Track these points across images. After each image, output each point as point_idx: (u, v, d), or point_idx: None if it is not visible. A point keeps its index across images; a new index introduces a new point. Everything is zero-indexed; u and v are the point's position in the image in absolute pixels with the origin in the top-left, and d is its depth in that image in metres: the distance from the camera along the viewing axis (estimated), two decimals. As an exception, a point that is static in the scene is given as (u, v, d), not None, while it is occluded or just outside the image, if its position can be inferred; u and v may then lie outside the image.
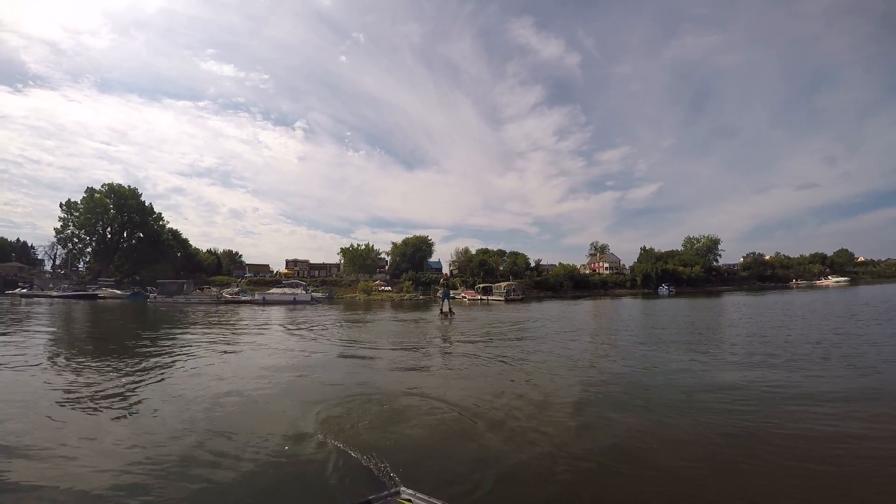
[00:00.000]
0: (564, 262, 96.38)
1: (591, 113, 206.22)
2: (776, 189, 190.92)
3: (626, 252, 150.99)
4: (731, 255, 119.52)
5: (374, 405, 7.24)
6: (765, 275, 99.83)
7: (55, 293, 58.87)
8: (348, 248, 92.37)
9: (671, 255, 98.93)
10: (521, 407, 7.15)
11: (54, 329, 21.04)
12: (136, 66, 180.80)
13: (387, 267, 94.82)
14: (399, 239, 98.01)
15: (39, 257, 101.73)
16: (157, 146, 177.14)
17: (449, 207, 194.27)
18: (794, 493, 4.27)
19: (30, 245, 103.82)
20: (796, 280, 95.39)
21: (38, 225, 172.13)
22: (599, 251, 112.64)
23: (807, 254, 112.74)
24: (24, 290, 63.66)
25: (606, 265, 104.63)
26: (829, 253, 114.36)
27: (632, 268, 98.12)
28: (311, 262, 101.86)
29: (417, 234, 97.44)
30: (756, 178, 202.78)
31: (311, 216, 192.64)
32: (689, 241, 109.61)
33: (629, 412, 6.89)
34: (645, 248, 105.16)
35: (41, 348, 14.17)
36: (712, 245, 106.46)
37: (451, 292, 69.40)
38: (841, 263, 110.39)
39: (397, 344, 15.48)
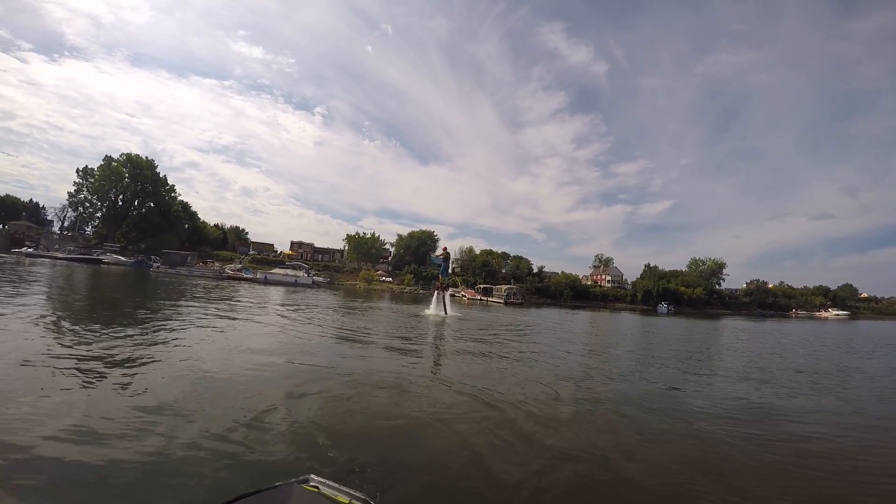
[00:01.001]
0: (567, 271, 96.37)
1: (613, 124, 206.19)
2: (791, 217, 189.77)
3: (631, 267, 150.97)
4: (735, 279, 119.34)
5: (342, 393, 7.24)
6: (766, 302, 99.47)
7: (60, 254, 59.24)
8: (354, 236, 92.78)
9: (674, 274, 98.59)
10: (492, 417, 7.21)
11: (49, 290, 21.32)
12: (170, 43, 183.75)
13: (390, 258, 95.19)
14: (405, 231, 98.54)
15: (49, 218, 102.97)
16: (180, 121, 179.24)
17: (458, 205, 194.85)
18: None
19: (41, 206, 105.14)
20: (796, 310, 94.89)
21: (52, 188, 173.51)
22: (604, 264, 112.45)
23: (812, 286, 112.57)
24: (30, 249, 64.25)
25: (609, 278, 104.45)
26: (834, 287, 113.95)
27: (634, 283, 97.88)
28: (316, 245, 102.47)
29: (423, 229, 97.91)
30: (772, 203, 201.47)
31: (321, 201, 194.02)
32: (694, 263, 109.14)
33: (609, 433, 7.01)
34: (649, 265, 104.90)
35: (30, 308, 14.42)
36: (717, 268, 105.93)
37: (451, 290, 69.80)
38: (843, 298, 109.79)
39: (389, 336, 15.58)
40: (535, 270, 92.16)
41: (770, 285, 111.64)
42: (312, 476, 2.65)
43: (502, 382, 8.64)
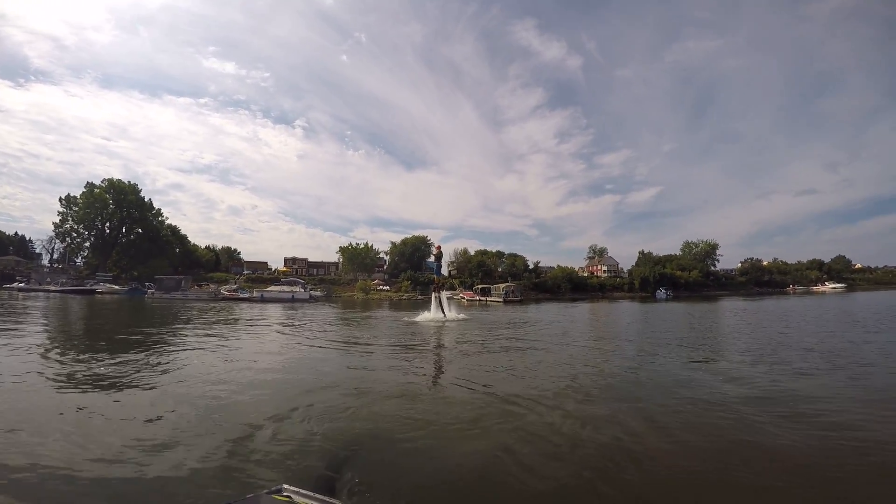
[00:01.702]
0: (563, 265, 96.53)
1: (593, 116, 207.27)
2: (777, 195, 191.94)
3: (625, 256, 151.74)
4: (729, 259, 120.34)
5: (338, 405, 7.18)
6: (762, 280, 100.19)
7: (53, 287, 58.66)
8: (347, 247, 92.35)
9: (669, 259, 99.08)
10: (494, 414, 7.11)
11: (48, 324, 20.95)
12: (138, 62, 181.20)
13: (385, 266, 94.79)
14: (398, 239, 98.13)
15: (37, 251, 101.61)
16: (158, 142, 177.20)
17: (449, 208, 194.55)
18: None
19: (28, 239, 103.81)
20: (793, 286, 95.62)
21: (36, 219, 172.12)
22: (598, 254, 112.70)
23: (805, 260, 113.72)
24: (22, 284, 63.42)
25: (605, 268, 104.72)
26: (827, 259, 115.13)
27: (630, 271, 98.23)
28: (310, 260, 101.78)
29: (417, 235, 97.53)
30: (757, 183, 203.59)
31: (310, 214, 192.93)
32: (687, 246, 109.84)
33: (620, 423, 6.87)
34: (643, 252, 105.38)
35: (33, 342, 14.11)
36: (710, 250, 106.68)
37: (449, 293, 69.53)
38: (838, 270, 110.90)
39: (389, 345, 15.41)
40: (531, 266, 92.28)
41: (764, 262, 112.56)
42: (285, 486, 2.61)
43: (518, 381, 8.49)
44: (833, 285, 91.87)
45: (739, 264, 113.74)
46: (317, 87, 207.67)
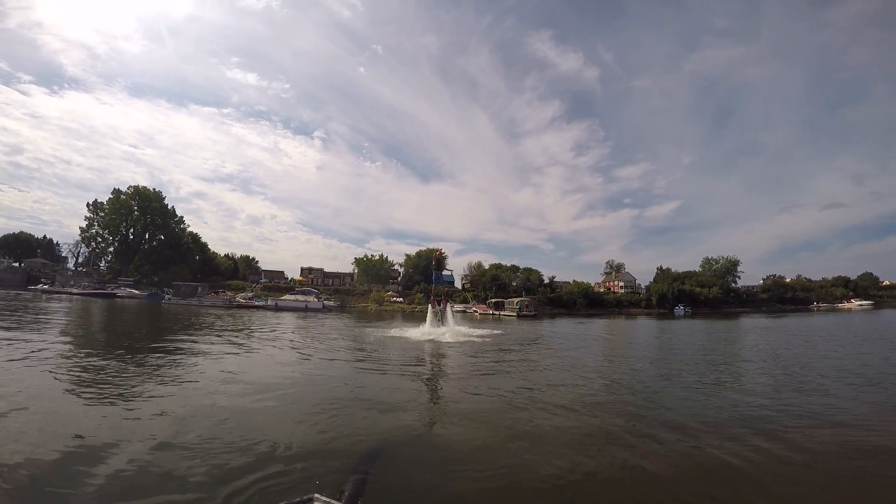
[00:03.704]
0: (579, 280, 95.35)
1: (611, 128, 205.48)
2: (801, 209, 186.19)
3: (643, 272, 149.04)
4: (751, 276, 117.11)
5: (345, 418, 7.15)
6: (785, 297, 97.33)
7: (75, 290, 60.26)
8: (362, 259, 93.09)
9: (688, 275, 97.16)
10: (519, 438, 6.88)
11: (66, 326, 21.39)
12: (166, 72, 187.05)
13: (399, 278, 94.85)
14: (413, 251, 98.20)
15: (63, 254, 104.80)
16: (182, 151, 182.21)
17: (463, 221, 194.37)
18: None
19: (55, 242, 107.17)
20: (817, 303, 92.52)
21: (64, 223, 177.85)
22: (615, 270, 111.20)
23: (830, 277, 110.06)
24: (46, 286, 65.33)
25: (622, 284, 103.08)
26: (853, 276, 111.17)
27: (647, 287, 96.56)
28: (326, 270, 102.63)
29: (431, 247, 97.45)
30: (780, 197, 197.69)
31: (327, 225, 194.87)
32: (707, 262, 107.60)
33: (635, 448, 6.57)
34: (662, 267, 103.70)
35: (49, 342, 14.36)
36: (731, 266, 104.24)
37: (462, 306, 69.14)
38: (865, 287, 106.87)
39: (394, 360, 15.24)
40: (546, 281, 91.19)
41: (787, 279, 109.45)
42: (316, 495, 2.63)
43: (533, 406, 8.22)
44: (859, 302, 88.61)
45: (761, 281, 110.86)
46: (335, 99, 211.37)
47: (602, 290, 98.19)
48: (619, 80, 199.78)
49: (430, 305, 26.53)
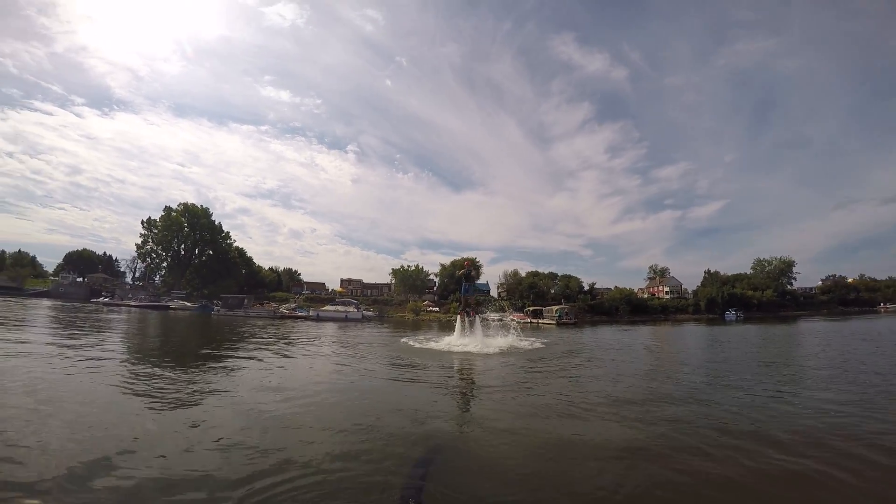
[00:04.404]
0: (621, 286, 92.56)
1: (645, 128, 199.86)
2: (859, 204, 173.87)
3: (688, 276, 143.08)
4: (807, 277, 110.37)
5: (385, 427, 7.03)
6: (847, 298, 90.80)
7: (133, 303, 64.14)
8: (399, 269, 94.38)
9: (739, 278, 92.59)
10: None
11: (127, 335, 22.64)
12: (205, 92, 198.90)
13: (435, 288, 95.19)
14: (447, 260, 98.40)
15: (122, 269, 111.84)
16: (226, 168, 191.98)
17: (497, 229, 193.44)
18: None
19: (114, 258, 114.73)
20: (884, 304, 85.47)
21: (122, 240, 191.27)
22: (659, 275, 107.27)
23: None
24: (106, 299, 69.87)
25: (667, 289, 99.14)
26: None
27: (695, 292, 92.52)
28: (364, 281, 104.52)
29: (465, 256, 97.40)
30: (835, 192, 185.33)
31: (364, 237, 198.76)
32: (759, 264, 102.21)
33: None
34: (709, 271, 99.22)
35: (115, 349, 15.19)
36: (785, 267, 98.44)
37: (499, 315, 68.18)
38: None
39: (428, 370, 15.08)
40: (586, 288, 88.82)
41: (850, 279, 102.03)
42: None
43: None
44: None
45: (820, 282, 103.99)
46: (366, 112, 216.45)
47: (646, 295, 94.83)
48: (650, 79, 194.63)
49: (458, 316, 25.70)
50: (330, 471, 5.10)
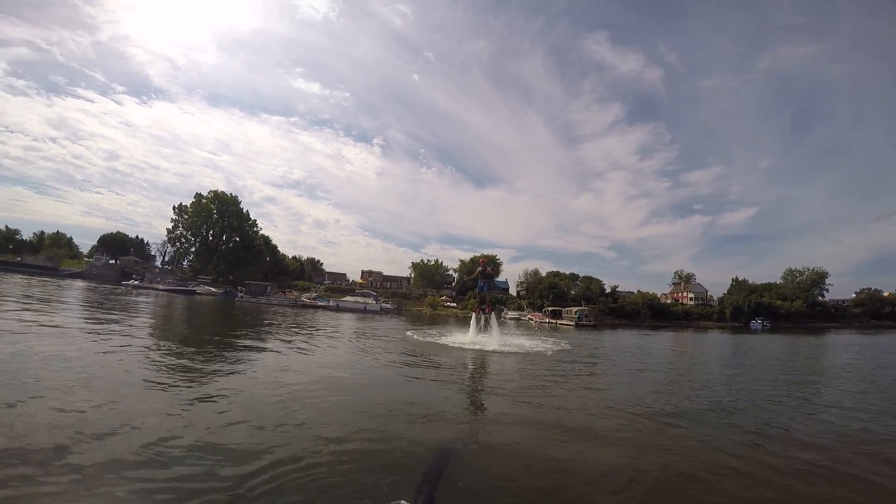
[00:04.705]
0: (644, 290, 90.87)
1: (678, 130, 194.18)
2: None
3: (715, 283, 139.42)
4: (841, 289, 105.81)
5: (397, 421, 7.06)
6: (881, 312, 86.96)
7: (160, 286, 66.26)
8: (419, 263, 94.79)
9: (768, 287, 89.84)
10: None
11: (154, 318, 23.48)
12: (239, 83, 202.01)
13: (454, 283, 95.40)
14: (467, 256, 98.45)
15: (152, 253, 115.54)
16: (255, 157, 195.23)
17: (519, 227, 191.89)
18: None
19: (146, 242, 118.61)
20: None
21: (154, 224, 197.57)
22: (684, 280, 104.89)
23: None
24: (136, 282, 72.42)
25: (691, 295, 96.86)
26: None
27: (720, 299, 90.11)
28: (385, 273, 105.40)
29: (486, 253, 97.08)
30: (876, 203, 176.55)
31: (386, 230, 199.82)
32: (790, 274, 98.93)
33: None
34: (737, 279, 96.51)
35: (141, 331, 15.78)
36: (818, 278, 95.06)
37: (517, 313, 67.99)
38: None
39: (442, 366, 15.13)
40: (608, 290, 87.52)
41: (885, 293, 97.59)
42: (402, 502, 2.68)
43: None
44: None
45: (854, 294, 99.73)
46: (392, 107, 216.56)
47: (669, 301, 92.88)
48: (685, 81, 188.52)
49: (473, 313, 25.49)
50: (342, 461, 5.18)
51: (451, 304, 78.44)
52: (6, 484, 4.05)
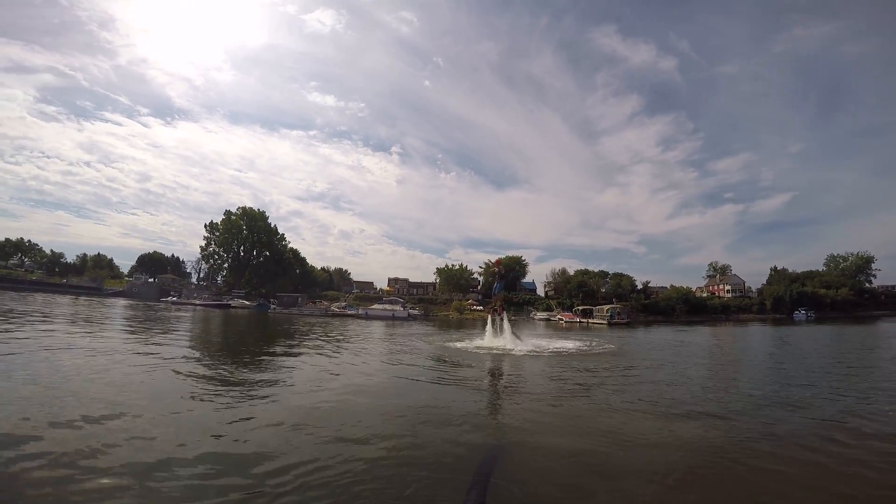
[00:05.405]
0: (677, 285, 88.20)
1: (700, 119, 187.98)
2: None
3: (752, 273, 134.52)
4: (889, 274, 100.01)
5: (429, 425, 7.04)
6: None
7: (197, 302, 68.78)
8: (443, 268, 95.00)
9: (810, 275, 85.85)
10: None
11: (194, 331, 24.26)
12: (256, 99, 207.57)
13: (479, 287, 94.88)
14: (493, 258, 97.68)
15: (188, 270, 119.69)
16: (279, 172, 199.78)
17: (543, 227, 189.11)
18: None
19: (181, 260, 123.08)
20: None
21: (187, 242, 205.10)
22: (719, 272, 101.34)
23: None
24: (174, 298, 75.28)
25: (728, 288, 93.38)
26: None
27: (759, 291, 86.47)
28: (410, 280, 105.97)
29: (510, 255, 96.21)
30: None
31: (409, 237, 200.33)
32: (832, 260, 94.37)
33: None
34: (776, 268, 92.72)
35: (183, 343, 16.32)
36: (863, 264, 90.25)
37: (546, 314, 67.11)
38: None
39: (466, 370, 14.99)
40: (640, 287, 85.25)
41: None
42: None
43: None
44: None
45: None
46: (407, 114, 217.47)
47: (704, 294, 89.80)
48: (701, 68, 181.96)
49: (489, 315, 25.21)
50: (381, 465, 5.19)
51: (478, 308, 78.01)
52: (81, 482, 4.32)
